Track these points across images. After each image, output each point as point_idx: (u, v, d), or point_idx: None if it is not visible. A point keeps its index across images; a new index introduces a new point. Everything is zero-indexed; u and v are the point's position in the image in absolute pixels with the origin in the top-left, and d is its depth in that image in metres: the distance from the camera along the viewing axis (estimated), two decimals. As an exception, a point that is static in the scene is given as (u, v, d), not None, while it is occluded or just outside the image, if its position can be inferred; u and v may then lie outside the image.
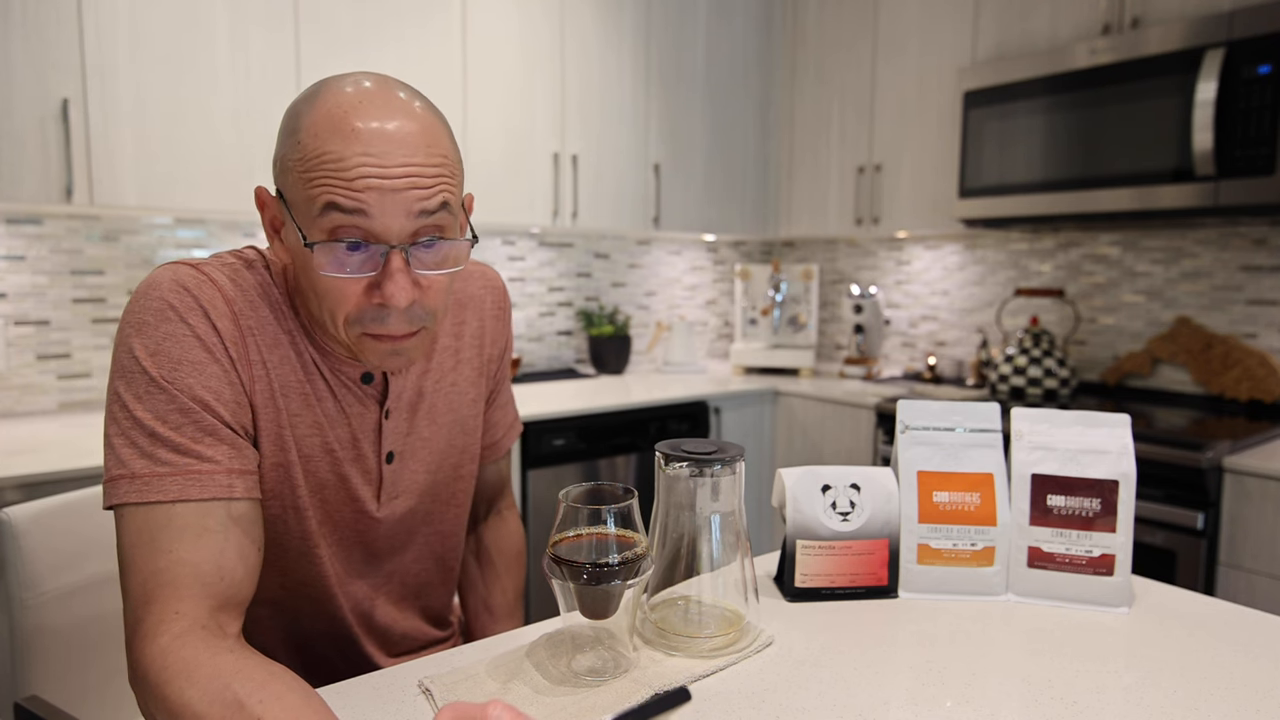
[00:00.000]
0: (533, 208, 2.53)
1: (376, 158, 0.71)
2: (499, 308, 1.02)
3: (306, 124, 0.72)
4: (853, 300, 3.05)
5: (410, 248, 0.74)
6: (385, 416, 0.88)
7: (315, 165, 0.71)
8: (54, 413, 2.04)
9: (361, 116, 0.72)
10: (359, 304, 0.75)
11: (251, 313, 0.78)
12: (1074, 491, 0.94)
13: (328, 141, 0.71)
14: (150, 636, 0.66)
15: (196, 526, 0.70)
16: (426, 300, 0.77)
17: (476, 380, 0.99)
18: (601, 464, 2.41)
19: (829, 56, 2.99)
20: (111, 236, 2.10)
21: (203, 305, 0.74)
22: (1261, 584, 1.73)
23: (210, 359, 0.74)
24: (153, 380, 0.71)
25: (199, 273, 0.76)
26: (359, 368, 0.85)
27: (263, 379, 0.78)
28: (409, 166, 0.72)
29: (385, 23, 2.18)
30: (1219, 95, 1.89)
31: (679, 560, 0.82)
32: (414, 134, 0.73)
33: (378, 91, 0.74)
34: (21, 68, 1.68)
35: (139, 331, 0.72)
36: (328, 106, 0.72)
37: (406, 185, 0.72)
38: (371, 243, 0.72)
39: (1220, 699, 0.73)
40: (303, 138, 0.72)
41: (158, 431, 0.70)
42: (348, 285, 0.74)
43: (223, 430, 0.74)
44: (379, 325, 0.76)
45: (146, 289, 0.74)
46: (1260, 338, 2.24)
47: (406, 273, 0.74)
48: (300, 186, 0.72)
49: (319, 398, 0.83)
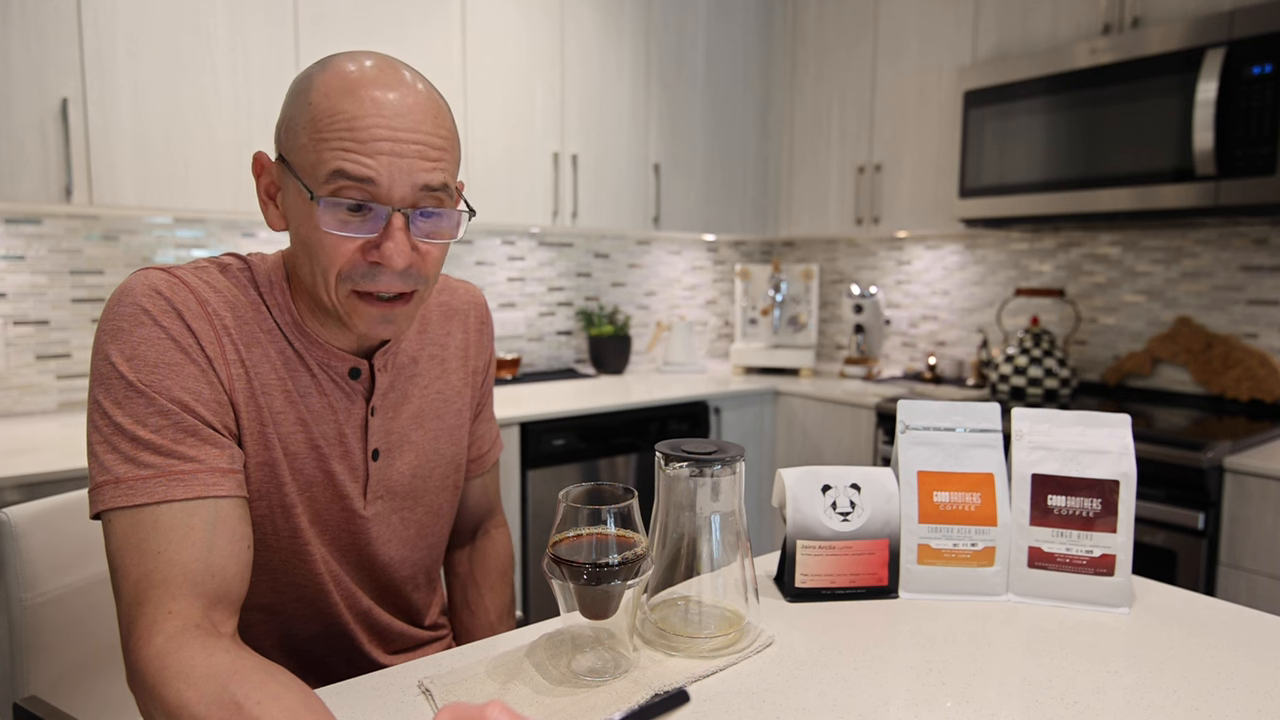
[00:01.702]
0: (532, 207, 2.53)
1: (389, 121, 0.73)
2: (481, 322, 1.04)
3: (319, 85, 0.74)
4: (853, 300, 3.05)
5: (412, 213, 0.76)
6: (371, 413, 0.88)
7: (327, 125, 0.73)
8: (53, 413, 2.04)
9: (375, 85, 0.74)
10: (352, 260, 0.76)
11: (227, 312, 0.78)
12: (1074, 491, 0.94)
13: (341, 103, 0.73)
14: (145, 639, 0.66)
15: (183, 527, 0.70)
16: (422, 266, 0.79)
17: (462, 391, 1.00)
18: (601, 464, 2.41)
19: (829, 56, 2.99)
20: (111, 236, 2.10)
21: (176, 307, 0.74)
22: (1261, 584, 1.73)
23: (187, 360, 0.74)
24: (131, 385, 0.71)
25: (171, 276, 0.76)
26: (347, 361, 0.85)
27: (241, 378, 0.78)
28: (418, 134, 0.75)
29: (385, 23, 2.18)
30: (1219, 95, 1.88)
31: (679, 560, 0.82)
32: (424, 107, 0.76)
33: (388, 66, 0.77)
34: (21, 67, 1.68)
35: (114, 338, 0.73)
36: (341, 73, 0.75)
37: (415, 154, 0.74)
38: (375, 204, 0.74)
39: (1220, 699, 0.73)
40: (314, 98, 0.74)
41: (139, 435, 0.71)
42: (342, 243, 0.75)
43: (205, 430, 0.74)
44: (370, 282, 0.77)
45: (120, 295, 0.74)
46: (1261, 338, 2.24)
47: (406, 235, 0.76)
48: (309, 147, 0.74)
49: (302, 394, 0.83)
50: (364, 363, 0.87)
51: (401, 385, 0.91)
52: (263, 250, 0.88)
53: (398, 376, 0.91)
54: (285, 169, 0.77)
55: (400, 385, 0.91)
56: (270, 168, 0.80)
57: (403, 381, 0.92)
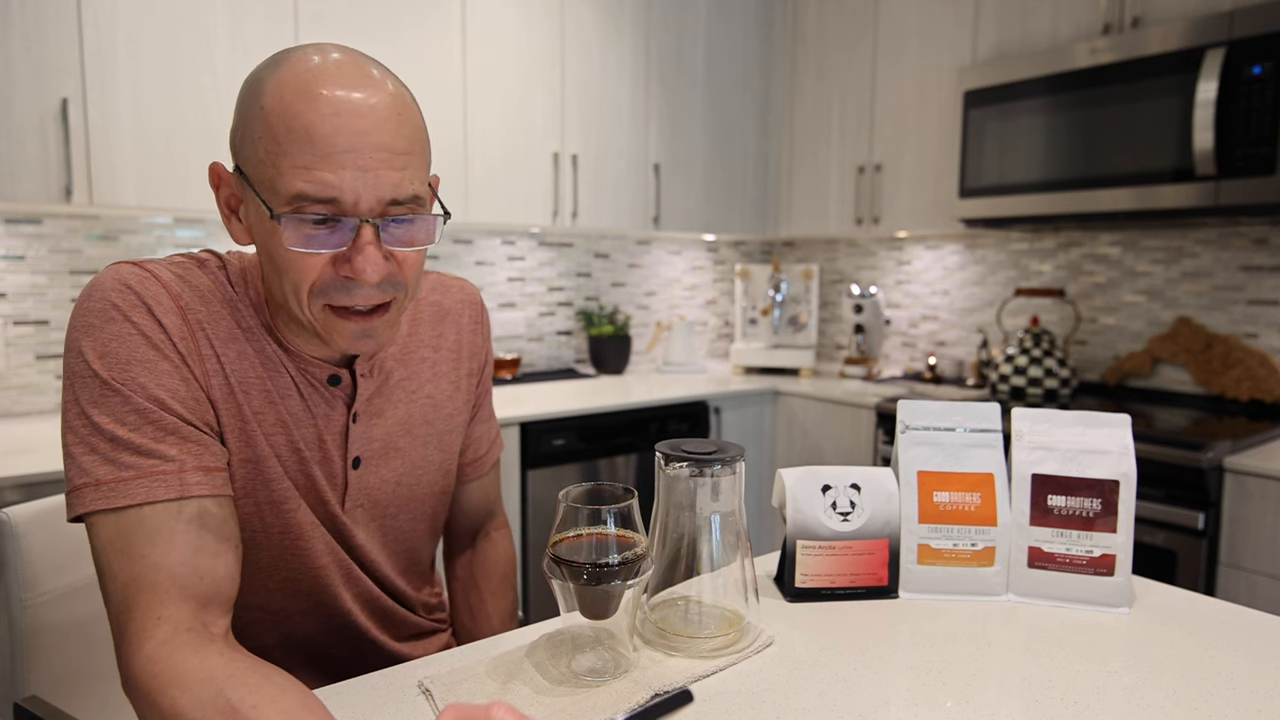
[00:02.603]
0: (532, 207, 2.53)
1: (349, 125, 0.68)
2: (476, 321, 1.00)
3: (272, 88, 0.69)
4: (853, 300, 3.05)
5: (382, 222, 0.71)
6: (353, 420, 0.85)
7: (284, 136, 0.68)
8: (53, 412, 2.04)
9: (333, 84, 0.68)
10: (323, 275, 0.72)
11: (201, 307, 0.75)
12: (1074, 491, 0.94)
13: (296, 107, 0.68)
14: (136, 645, 0.64)
15: (168, 528, 0.68)
16: (399, 274, 0.75)
17: (454, 394, 0.96)
18: (601, 464, 2.41)
19: (829, 56, 2.99)
20: (111, 236, 2.10)
21: (146, 302, 0.72)
22: (1261, 584, 1.73)
23: (159, 356, 0.71)
24: (105, 383, 0.69)
25: (142, 270, 0.73)
26: (326, 369, 0.82)
27: (218, 374, 0.76)
28: (382, 139, 0.69)
29: (385, 23, 2.18)
30: (1219, 95, 1.88)
31: (679, 560, 0.82)
32: (388, 107, 0.71)
33: (349, 62, 0.71)
34: (21, 67, 1.68)
35: (86, 334, 0.70)
36: (296, 72, 0.69)
37: (380, 163, 0.69)
38: (341, 216, 0.70)
39: (1220, 699, 0.73)
40: (267, 103, 0.69)
41: (117, 435, 0.68)
42: (312, 258, 0.71)
43: (184, 428, 0.71)
44: (344, 296, 0.73)
45: (90, 291, 0.72)
46: (1261, 338, 2.24)
47: (378, 247, 0.71)
48: (265, 161, 0.69)
49: (282, 395, 0.80)
50: (344, 371, 0.83)
51: (388, 390, 0.88)
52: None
53: (384, 382, 0.88)
54: (244, 182, 0.72)
55: (386, 390, 0.88)
56: (228, 179, 0.76)
57: (389, 386, 0.88)
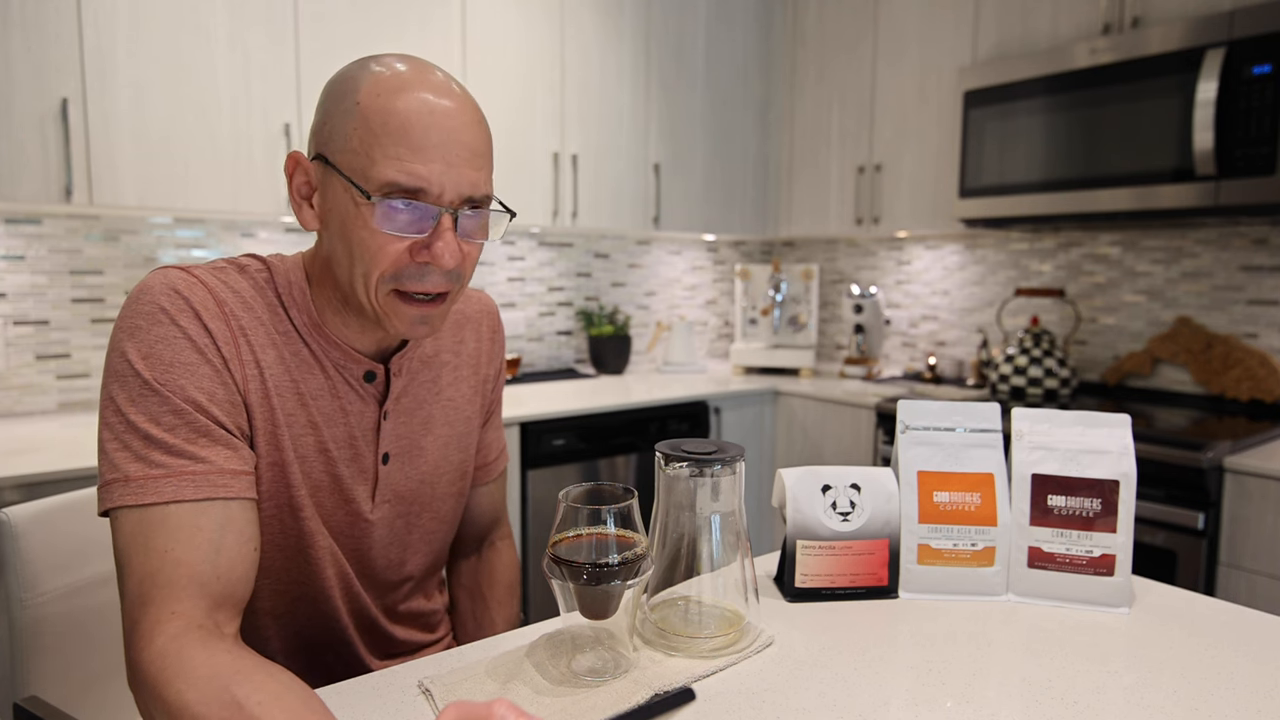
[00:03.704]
0: (532, 207, 2.53)
1: (440, 123, 0.75)
2: (493, 330, 1.04)
3: (367, 86, 0.75)
4: (853, 300, 3.05)
5: (460, 212, 0.78)
6: (384, 417, 0.88)
7: (379, 127, 0.74)
8: (53, 413, 2.04)
9: (425, 88, 0.76)
10: (398, 261, 0.77)
11: (244, 313, 0.79)
12: (1074, 491, 0.94)
13: (393, 104, 0.74)
14: (148, 638, 0.66)
15: (191, 527, 0.70)
16: (463, 265, 0.81)
17: (472, 398, 1.00)
18: (601, 464, 2.41)
19: (829, 57, 2.99)
20: (111, 236, 2.10)
21: (194, 307, 0.75)
22: (1261, 584, 1.73)
23: (202, 360, 0.74)
24: (146, 383, 0.71)
25: (190, 276, 0.77)
26: (364, 364, 0.86)
27: (256, 379, 0.78)
28: (466, 139, 0.77)
29: (385, 23, 2.18)
30: (1219, 95, 1.88)
31: (679, 560, 0.82)
32: (470, 112, 0.78)
33: (430, 69, 0.79)
34: (21, 67, 1.68)
35: (131, 335, 0.73)
36: (389, 74, 0.76)
37: (464, 161, 0.76)
38: (427, 203, 0.76)
39: (1220, 699, 0.73)
40: (363, 99, 0.75)
41: (151, 434, 0.71)
42: (392, 243, 0.76)
43: (217, 431, 0.74)
44: (416, 282, 0.78)
45: (139, 293, 0.75)
46: (1261, 338, 2.24)
47: (454, 235, 0.77)
48: (359, 150, 0.75)
49: (314, 397, 0.83)
50: (380, 366, 0.87)
51: (415, 390, 0.92)
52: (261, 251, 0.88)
53: (411, 381, 0.92)
54: (329, 170, 0.77)
55: (414, 390, 0.92)
56: (306, 167, 0.80)
57: (416, 386, 0.92)
